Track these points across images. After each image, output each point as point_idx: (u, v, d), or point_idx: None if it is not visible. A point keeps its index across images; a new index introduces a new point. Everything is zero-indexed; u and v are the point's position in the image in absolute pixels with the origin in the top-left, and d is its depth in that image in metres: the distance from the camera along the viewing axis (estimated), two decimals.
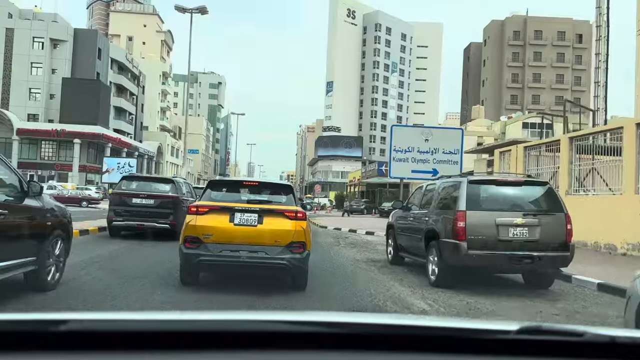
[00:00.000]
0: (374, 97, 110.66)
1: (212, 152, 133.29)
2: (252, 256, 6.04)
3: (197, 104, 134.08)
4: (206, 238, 6.06)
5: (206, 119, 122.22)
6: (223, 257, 6.05)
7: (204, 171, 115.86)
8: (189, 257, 6.09)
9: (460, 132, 18.92)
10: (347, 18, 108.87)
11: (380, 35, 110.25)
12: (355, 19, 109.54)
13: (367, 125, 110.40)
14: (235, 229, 6.07)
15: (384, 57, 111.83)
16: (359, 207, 40.24)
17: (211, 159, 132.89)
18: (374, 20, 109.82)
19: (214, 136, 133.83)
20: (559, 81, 68.40)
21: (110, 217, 12.12)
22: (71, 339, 1.02)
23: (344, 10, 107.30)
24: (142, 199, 12.01)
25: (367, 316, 1.47)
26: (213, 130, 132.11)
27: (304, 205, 14.59)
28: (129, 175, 16.27)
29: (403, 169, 18.27)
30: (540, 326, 1.13)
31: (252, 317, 1.25)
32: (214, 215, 6.16)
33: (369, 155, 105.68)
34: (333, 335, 1.11)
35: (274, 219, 6.17)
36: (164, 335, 1.07)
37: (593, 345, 1.11)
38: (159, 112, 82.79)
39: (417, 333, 1.16)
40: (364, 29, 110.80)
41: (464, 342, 1.12)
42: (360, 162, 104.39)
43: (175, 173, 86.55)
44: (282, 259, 6.03)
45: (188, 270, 6.32)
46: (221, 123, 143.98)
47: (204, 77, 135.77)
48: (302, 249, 6.16)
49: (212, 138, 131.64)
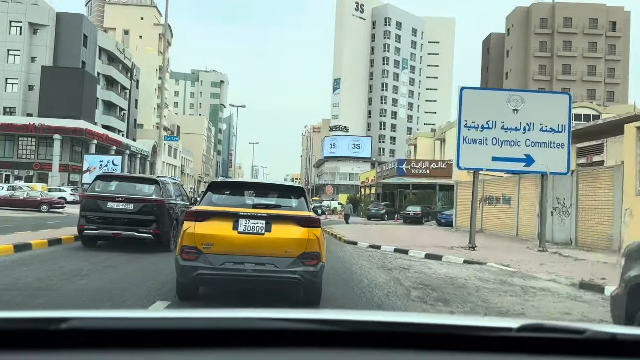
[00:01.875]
0: (384, 95, 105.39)
1: (214, 154, 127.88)
2: (260, 269, 5.33)
3: (198, 104, 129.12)
4: (206, 248, 5.37)
5: (207, 118, 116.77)
6: (225, 271, 5.32)
7: (205, 173, 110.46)
8: (186, 270, 5.38)
9: (567, 98, 12.68)
10: (356, 12, 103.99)
11: (390, 30, 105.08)
12: (364, 13, 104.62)
13: (376, 124, 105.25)
14: (240, 237, 5.40)
15: (394, 53, 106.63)
16: (378, 212, 34.51)
17: (213, 161, 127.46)
18: (384, 14, 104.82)
19: (216, 137, 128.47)
20: (591, 73, 62.47)
21: (82, 225, 10.39)
22: (73, 337, 1.02)
23: (352, 4, 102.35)
24: (120, 204, 10.21)
25: (369, 314, 1.43)
26: (215, 131, 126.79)
27: (316, 210, 12.53)
28: (105, 174, 14.39)
29: (479, 156, 12.50)
30: (542, 324, 1.15)
31: (254, 316, 1.22)
32: (215, 221, 5.48)
33: (378, 157, 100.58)
34: (337, 333, 1.11)
35: (284, 226, 5.48)
36: (165, 333, 1.07)
37: (594, 343, 1.11)
38: (155, 109, 77.30)
39: (419, 331, 1.16)
40: (373, 23, 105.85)
41: (466, 340, 1.13)
42: (369, 163, 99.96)
43: (172, 175, 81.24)
44: (294, 273, 5.31)
45: (185, 284, 5.65)
46: (224, 124, 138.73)
47: (206, 75, 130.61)
48: (317, 261, 5.44)
49: (214, 139, 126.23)
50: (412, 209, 31.82)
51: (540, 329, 1.13)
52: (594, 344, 1.11)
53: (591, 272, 9.64)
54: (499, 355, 1.10)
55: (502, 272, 9.73)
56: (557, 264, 11.01)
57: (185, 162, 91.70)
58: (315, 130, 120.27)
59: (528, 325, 1.13)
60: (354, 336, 1.10)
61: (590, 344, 1.11)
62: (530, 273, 9.52)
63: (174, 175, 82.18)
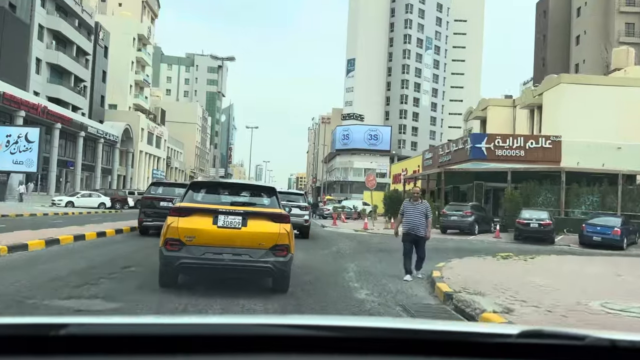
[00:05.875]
0: (405, 79, 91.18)
1: (210, 147, 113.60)
2: (236, 259, 6.01)
3: (193, 91, 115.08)
4: (188, 240, 5.97)
5: (202, 106, 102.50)
6: (205, 260, 5.95)
7: (198, 168, 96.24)
8: (170, 259, 5.99)
9: None
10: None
11: (412, 3, 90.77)
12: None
13: (395, 112, 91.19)
14: (219, 231, 6.01)
15: (417, 31, 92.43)
16: (464, 220, 19.64)
17: (209, 155, 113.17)
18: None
19: (213, 128, 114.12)
20: None
21: (141, 218, 14.31)
22: (72, 343, 1.03)
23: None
24: (168, 202, 12.62)
25: (366, 320, 1.44)
26: (212, 122, 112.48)
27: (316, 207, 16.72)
28: (157, 181, 17.94)
29: None
30: (542, 330, 1.15)
31: (250, 321, 1.26)
32: (196, 217, 6.09)
33: (398, 149, 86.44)
34: (331, 339, 1.12)
35: (258, 221, 6.15)
36: (163, 339, 1.08)
37: (594, 349, 1.11)
38: (132, 87, 63.04)
39: (417, 337, 1.16)
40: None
41: (464, 346, 1.13)
42: (387, 157, 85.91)
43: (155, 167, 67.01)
44: (267, 262, 6.02)
45: (168, 273, 6.23)
46: (222, 114, 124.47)
47: (202, 59, 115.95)
48: (286, 252, 6.14)
49: (210, 130, 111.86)
50: (535, 215, 17.23)
51: (540, 335, 1.12)
52: (594, 350, 1.11)
53: None
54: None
55: None
56: None
57: (172, 153, 77.45)
58: (324, 120, 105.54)
59: (528, 331, 1.13)
60: (351, 342, 1.10)
61: (590, 350, 1.10)
62: None
63: (157, 168, 67.95)
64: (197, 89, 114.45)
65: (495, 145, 24.96)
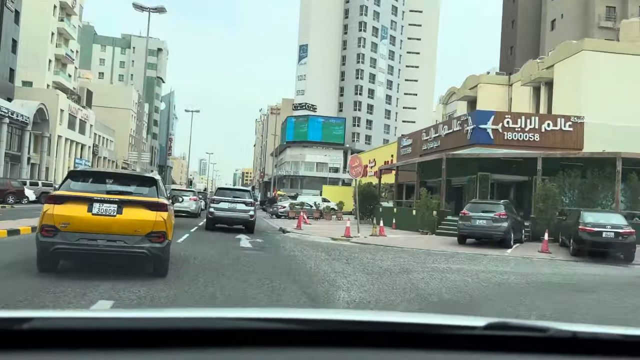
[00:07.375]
0: (359, 69, 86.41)
1: (147, 137, 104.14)
2: (111, 245, 6.26)
3: (129, 75, 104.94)
4: (63, 227, 6.18)
5: (138, 91, 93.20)
6: (80, 246, 6.19)
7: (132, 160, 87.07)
8: (45, 245, 6.20)
9: None
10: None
11: None
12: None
13: (349, 104, 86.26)
14: (93, 218, 6.25)
15: (373, 19, 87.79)
16: (495, 226, 13.71)
17: (146, 145, 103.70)
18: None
19: (151, 116, 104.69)
20: None
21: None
22: (35, 337, 1.00)
23: None
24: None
25: (335, 312, 1.46)
26: (150, 109, 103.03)
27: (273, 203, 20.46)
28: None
29: None
30: (507, 322, 1.17)
31: (233, 315, 1.24)
32: (71, 204, 6.30)
33: (352, 143, 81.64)
34: (301, 332, 1.12)
35: (134, 209, 6.40)
36: (130, 333, 1.06)
37: (556, 340, 1.15)
38: (52, 62, 54.08)
39: (384, 329, 1.16)
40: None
41: (431, 338, 1.14)
42: (341, 150, 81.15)
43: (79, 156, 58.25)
44: (142, 248, 6.32)
45: (44, 258, 6.41)
46: (162, 102, 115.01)
47: (140, 41, 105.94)
48: (163, 239, 6.46)
49: (148, 118, 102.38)
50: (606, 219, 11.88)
51: (505, 327, 1.15)
52: (556, 342, 1.14)
53: None
54: (464, 353, 1.10)
55: None
56: None
57: (101, 141, 68.55)
58: (274, 111, 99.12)
59: (493, 324, 1.14)
60: (319, 335, 1.11)
61: (552, 342, 1.14)
62: None
63: (80, 157, 59.24)
64: (133, 72, 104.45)
65: (504, 127, 19.92)
